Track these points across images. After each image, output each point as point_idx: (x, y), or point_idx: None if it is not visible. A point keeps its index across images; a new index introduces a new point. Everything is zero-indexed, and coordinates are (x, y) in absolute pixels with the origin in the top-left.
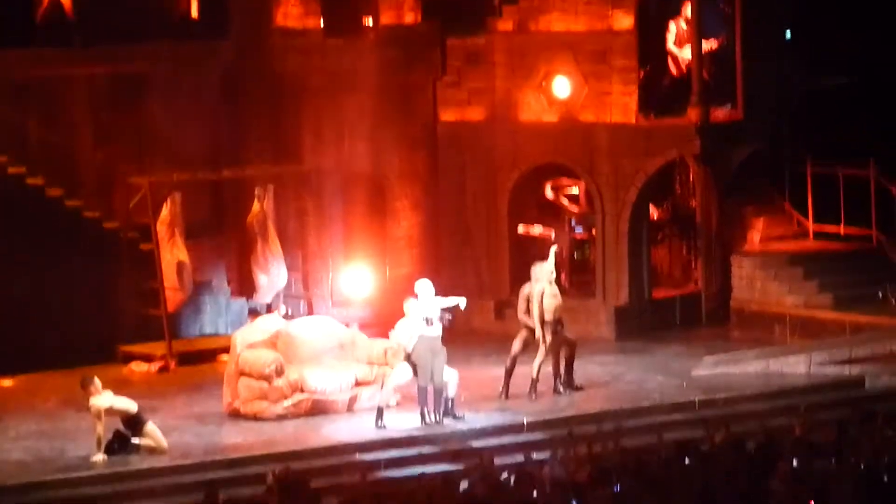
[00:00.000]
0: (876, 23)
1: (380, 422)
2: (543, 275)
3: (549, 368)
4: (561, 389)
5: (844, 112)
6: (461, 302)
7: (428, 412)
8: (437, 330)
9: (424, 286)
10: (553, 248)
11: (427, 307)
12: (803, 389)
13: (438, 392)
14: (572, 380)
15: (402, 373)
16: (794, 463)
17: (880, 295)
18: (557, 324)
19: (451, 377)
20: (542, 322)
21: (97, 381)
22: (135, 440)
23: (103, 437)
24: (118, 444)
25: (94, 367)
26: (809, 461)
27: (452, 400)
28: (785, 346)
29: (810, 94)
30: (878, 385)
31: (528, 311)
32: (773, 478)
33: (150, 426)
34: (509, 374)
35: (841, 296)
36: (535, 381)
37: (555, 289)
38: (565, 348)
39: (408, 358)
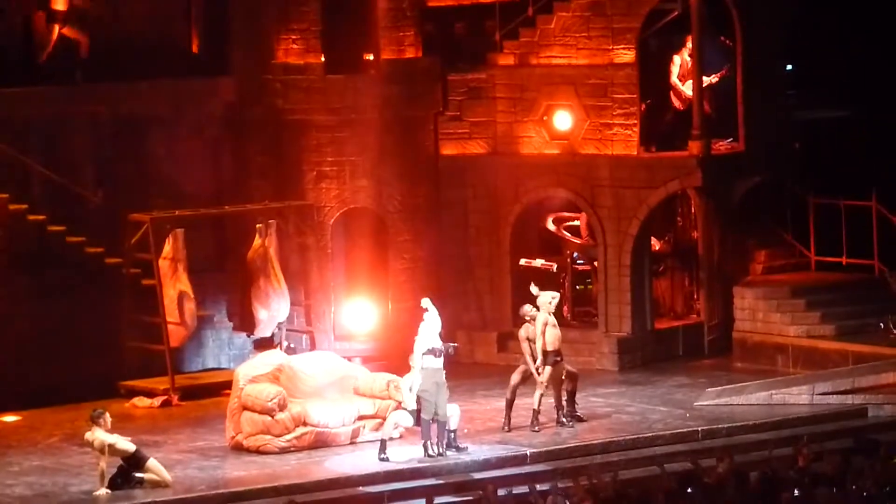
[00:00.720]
0: (876, 55)
1: (383, 454)
2: (544, 306)
3: (550, 400)
4: (564, 421)
5: (846, 143)
6: (425, 301)
7: (431, 445)
8: (440, 362)
9: (432, 315)
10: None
11: (432, 339)
12: (806, 420)
13: (442, 424)
14: (575, 411)
15: (404, 417)
16: (797, 493)
17: (882, 325)
18: (557, 355)
19: (453, 411)
20: (544, 353)
21: (108, 417)
22: (139, 474)
23: (106, 471)
24: (122, 479)
25: (97, 403)
26: (812, 491)
27: (455, 432)
28: (787, 377)
29: (812, 127)
30: (881, 415)
31: (531, 352)
32: None
33: (152, 462)
34: (510, 405)
35: (843, 326)
36: (536, 413)
37: (554, 319)
38: (567, 381)
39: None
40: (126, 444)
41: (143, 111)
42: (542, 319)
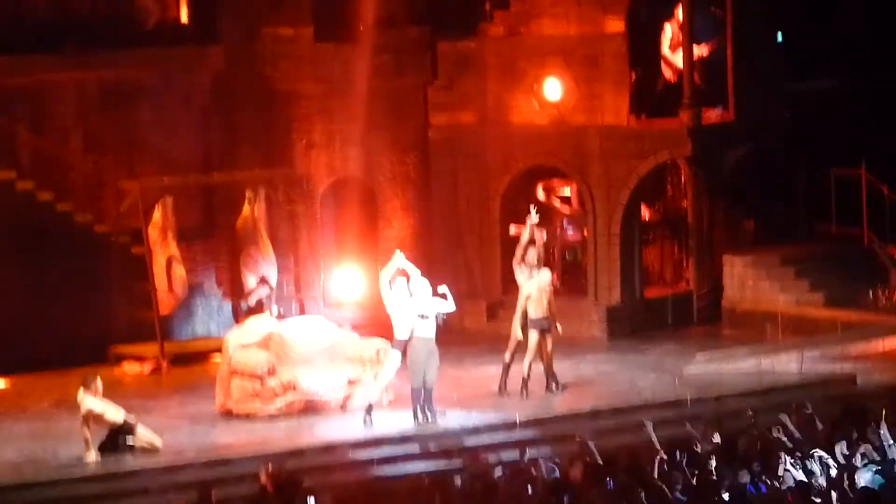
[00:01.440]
0: (866, 26)
1: (368, 419)
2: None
3: (540, 367)
4: (553, 388)
5: (836, 113)
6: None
7: (420, 411)
8: (432, 331)
9: (422, 284)
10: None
11: (422, 304)
12: (795, 387)
13: (429, 391)
14: (555, 377)
15: (393, 361)
16: (784, 458)
17: (870, 294)
18: (545, 321)
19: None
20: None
21: (99, 383)
22: (128, 441)
23: (91, 439)
24: (111, 444)
25: (87, 369)
26: (801, 458)
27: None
28: (777, 344)
29: (802, 96)
30: (870, 382)
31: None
32: (765, 473)
33: (140, 429)
34: (507, 369)
35: (832, 294)
36: (526, 381)
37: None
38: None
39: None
40: (115, 414)
41: (132, 79)
42: (526, 291)
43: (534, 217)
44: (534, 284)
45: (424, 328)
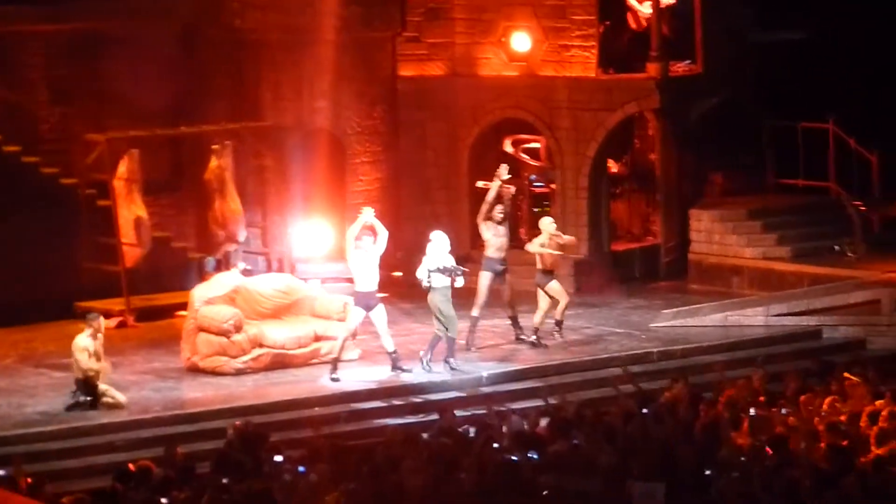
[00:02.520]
0: None
1: (334, 374)
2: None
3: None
4: (523, 338)
5: (804, 66)
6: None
7: (452, 361)
8: (448, 280)
9: (440, 238)
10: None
11: (443, 258)
12: (761, 341)
13: (450, 339)
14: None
15: (355, 316)
16: (752, 413)
17: (836, 248)
18: (501, 262)
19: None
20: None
21: (101, 322)
22: (88, 398)
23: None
24: (74, 401)
25: (53, 324)
26: (767, 411)
27: (395, 353)
28: (743, 299)
29: (769, 48)
30: (836, 336)
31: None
32: (732, 429)
33: (102, 386)
34: (515, 320)
35: (799, 248)
36: (560, 322)
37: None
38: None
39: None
40: (86, 363)
41: (100, 30)
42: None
43: (504, 174)
44: (545, 236)
45: (443, 280)
